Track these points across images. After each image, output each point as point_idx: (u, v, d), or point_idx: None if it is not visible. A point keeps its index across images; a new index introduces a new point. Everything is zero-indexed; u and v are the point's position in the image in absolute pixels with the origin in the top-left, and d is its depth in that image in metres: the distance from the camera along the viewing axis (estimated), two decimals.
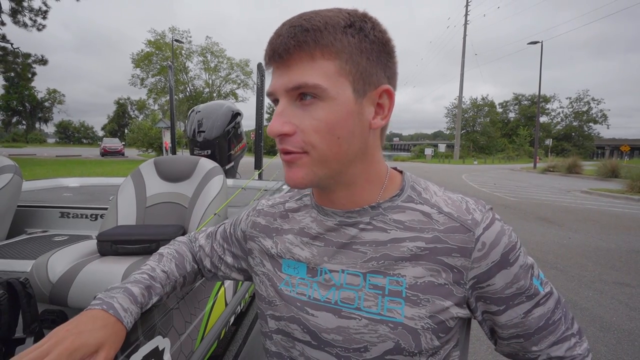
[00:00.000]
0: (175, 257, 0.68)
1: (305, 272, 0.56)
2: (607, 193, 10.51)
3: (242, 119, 3.67)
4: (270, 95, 0.50)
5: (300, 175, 0.49)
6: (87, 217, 2.07)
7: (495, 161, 36.90)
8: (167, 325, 0.71)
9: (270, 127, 0.47)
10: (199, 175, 1.65)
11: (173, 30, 34.11)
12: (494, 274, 0.50)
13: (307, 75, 0.45)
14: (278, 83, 0.48)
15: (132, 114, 62.74)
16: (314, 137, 0.47)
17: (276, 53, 0.47)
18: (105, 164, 17.68)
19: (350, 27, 0.46)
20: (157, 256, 0.68)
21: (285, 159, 0.49)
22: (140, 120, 36.80)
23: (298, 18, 0.47)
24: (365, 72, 0.47)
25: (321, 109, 0.46)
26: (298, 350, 0.55)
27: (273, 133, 0.48)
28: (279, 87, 0.48)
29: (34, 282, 1.09)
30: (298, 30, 0.46)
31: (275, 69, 0.48)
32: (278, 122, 0.47)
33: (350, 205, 0.54)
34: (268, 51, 0.48)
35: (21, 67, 22.46)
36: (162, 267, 0.65)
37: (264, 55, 0.49)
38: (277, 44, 0.46)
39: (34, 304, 0.81)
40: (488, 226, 0.50)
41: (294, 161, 0.49)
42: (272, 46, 0.47)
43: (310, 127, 0.47)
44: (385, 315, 0.49)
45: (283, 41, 0.46)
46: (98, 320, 0.50)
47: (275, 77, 0.49)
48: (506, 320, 0.52)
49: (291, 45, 0.45)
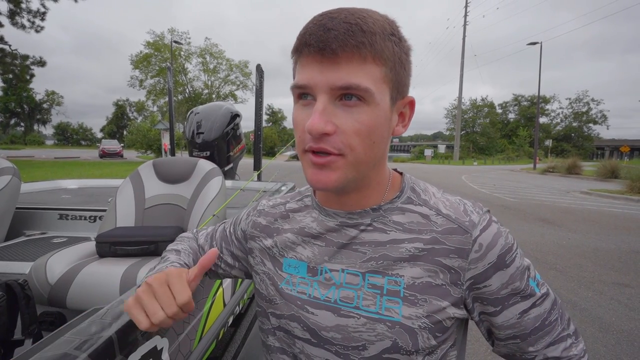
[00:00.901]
0: (191, 253, 0.70)
1: (305, 271, 0.56)
2: (607, 194, 10.51)
3: (241, 120, 3.68)
4: (303, 88, 0.47)
5: (333, 178, 0.48)
6: (85, 218, 2.06)
7: (495, 162, 36.95)
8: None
9: (313, 125, 0.44)
10: (198, 177, 1.65)
11: (172, 32, 34.19)
12: (491, 275, 0.50)
13: (357, 77, 0.45)
14: (320, 78, 0.45)
15: (131, 116, 62.70)
16: (354, 139, 0.46)
17: (327, 47, 0.44)
18: (104, 166, 17.66)
19: (393, 35, 0.47)
20: (173, 252, 0.69)
21: (318, 161, 0.47)
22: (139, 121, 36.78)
23: (349, 15, 0.45)
24: (400, 82, 0.49)
25: (365, 113, 0.46)
26: (298, 348, 0.56)
27: (316, 131, 0.45)
28: (323, 84, 0.45)
29: (32, 283, 1.09)
30: (356, 29, 0.44)
31: (317, 62, 0.45)
32: (321, 119, 0.45)
33: (355, 207, 0.55)
34: (311, 42, 0.45)
35: (19, 68, 22.46)
36: (184, 260, 0.66)
37: (298, 44, 0.46)
38: (329, 37, 0.44)
39: (33, 306, 0.81)
40: (485, 228, 0.51)
41: (329, 164, 0.47)
42: (320, 38, 0.44)
43: (352, 129, 0.46)
44: (383, 314, 0.50)
45: (338, 36, 0.44)
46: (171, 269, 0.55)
47: (315, 71, 0.45)
48: (503, 321, 0.52)
49: (349, 43, 0.44)
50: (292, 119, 0.51)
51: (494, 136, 48.16)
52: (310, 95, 0.47)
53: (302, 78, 0.47)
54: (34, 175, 10.67)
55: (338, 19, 0.45)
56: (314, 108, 0.46)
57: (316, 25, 0.45)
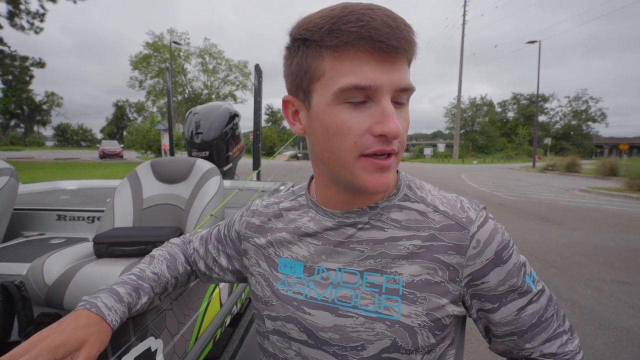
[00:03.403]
0: (166, 259, 0.68)
1: (302, 271, 0.56)
2: (606, 191, 10.51)
3: (241, 120, 3.67)
4: (366, 89, 0.43)
5: (392, 178, 0.48)
6: (84, 219, 2.06)
7: (495, 160, 36.97)
8: (160, 326, 0.71)
9: (395, 128, 0.43)
10: (196, 177, 1.65)
11: (171, 32, 34.15)
12: (488, 271, 0.50)
13: (410, 80, 0.46)
14: (386, 79, 0.43)
15: (131, 116, 62.75)
16: (405, 137, 0.49)
17: (399, 47, 0.43)
18: (103, 167, 17.66)
19: None
20: (148, 258, 0.68)
21: (385, 164, 0.46)
22: (139, 122, 36.76)
23: (394, 15, 0.44)
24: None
25: (406, 113, 0.48)
26: (294, 351, 0.55)
27: (399, 134, 0.44)
28: (388, 85, 0.44)
29: (29, 285, 1.09)
30: (411, 30, 0.44)
31: (376, 61, 0.43)
32: (398, 123, 0.44)
33: (355, 205, 0.54)
34: (378, 37, 0.42)
35: (19, 70, 22.46)
36: (152, 269, 0.65)
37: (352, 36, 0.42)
38: (399, 37, 0.42)
39: (30, 307, 0.81)
40: (482, 224, 0.51)
41: (391, 165, 0.47)
42: (388, 36, 0.42)
43: (405, 128, 0.47)
44: (382, 313, 0.50)
45: (406, 37, 0.43)
46: (81, 319, 0.50)
47: (375, 71, 0.43)
48: (500, 318, 0.52)
49: (411, 44, 0.44)
50: (332, 123, 0.46)
51: (493, 135, 48.23)
52: (361, 99, 0.44)
53: (364, 77, 0.43)
54: (34, 177, 10.67)
55: (395, 18, 0.44)
56: (385, 110, 0.44)
57: (376, 21, 0.42)
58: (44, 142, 65.12)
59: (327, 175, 0.53)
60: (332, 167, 0.49)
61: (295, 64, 0.48)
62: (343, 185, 0.51)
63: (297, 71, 0.48)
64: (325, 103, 0.46)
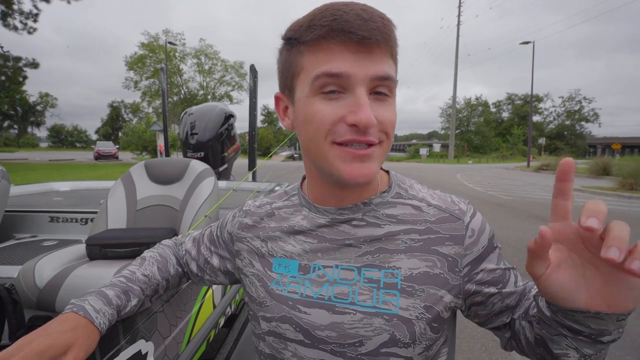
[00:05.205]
0: (158, 260, 0.68)
1: (296, 269, 0.56)
2: (599, 190, 10.61)
3: (236, 120, 3.66)
4: (337, 76, 0.45)
5: (373, 169, 0.48)
6: (77, 221, 2.04)
7: (490, 160, 37.20)
8: (151, 328, 0.71)
9: (367, 118, 0.44)
10: (190, 178, 1.64)
11: (167, 33, 34.00)
12: (484, 258, 0.53)
13: (390, 70, 0.47)
14: (359, 68, 0.44)
15: (126, 117, 62.29)
16: (390, 128, 0.48)
17: (371, 37, 0.43)
18: (98, 168, 17.53)
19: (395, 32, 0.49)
20: (139, 260, 0.67)
21: (361, 153, 0.47)
22: (134, 123, 36.53)
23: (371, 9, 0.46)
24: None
25: (391, 105, 0.49)
26: (290, 351, 0.54)
27: (370, 124, 0.44)
28: (362, 74, 0.44)
29: (20, 287, 1.07)
30: (388, 22, 0.46)
31: (350, 52, 0.44)
32: (370, 112, 0.44)
33: (348, 202, 0.55)
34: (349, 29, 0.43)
35: (12, 70, 22.25)
36: (142, 271, 0.64)
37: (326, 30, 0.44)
38: (370, 28, 0.43)
39: (20, 310, 0.80)
40: (473, 214, 0.54)
41: (371, 155, 0.47)
42: (359, 27, 0.43)
43: (387, 119, 0.48)
44: (380, 307, 0.50)
45: (379, 28, 0.44)
46: (68, 322, 0.49)
47: (348, 61, 0.44)
48: (509, 293, 0.55)
49: (387, 36, 0.45)
50: (308, 113, 0.48)
51: (488, 135, 48.51)
52: (335, 88, 0.46)
53: (335, 66, 0.44)
54: (28, 178, 10.56)
55: (371, 11, 0.45)
56: (359, 101, 0.44)
57: (349, 14, 0.44)
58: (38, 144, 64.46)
59: (315, 169, 0.54)
60: (312, 157, 0.51)
61: (282, 63, 0.52)
62: (327, 177, 0.52)
63: (283, 69, 0.52)
64: (304, 96, 0.48)
